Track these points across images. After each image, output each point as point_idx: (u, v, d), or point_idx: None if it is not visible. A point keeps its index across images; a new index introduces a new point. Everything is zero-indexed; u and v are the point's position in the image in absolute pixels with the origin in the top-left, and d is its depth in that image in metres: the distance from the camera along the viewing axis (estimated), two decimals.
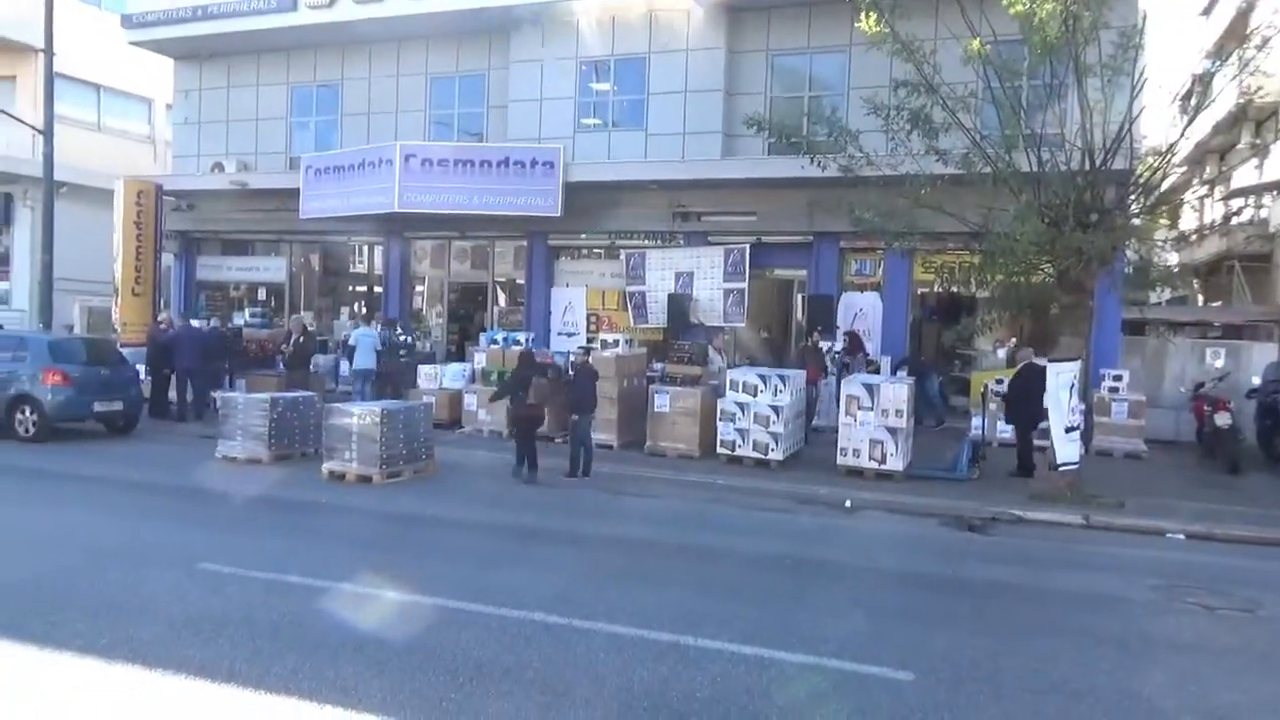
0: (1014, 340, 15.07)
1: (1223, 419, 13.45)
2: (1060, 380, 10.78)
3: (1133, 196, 11.08)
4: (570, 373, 12.47)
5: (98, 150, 23.66)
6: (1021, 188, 10.76)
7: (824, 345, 15.00)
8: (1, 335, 14.84)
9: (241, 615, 6.05)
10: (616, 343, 14.39)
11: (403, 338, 16.62)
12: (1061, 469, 10.85)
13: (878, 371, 14.92)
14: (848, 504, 10.54)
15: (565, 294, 18.39)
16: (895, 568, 8.06)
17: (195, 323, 17.06)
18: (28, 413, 13.13)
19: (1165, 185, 11.45)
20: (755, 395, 12.39)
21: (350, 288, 22.13)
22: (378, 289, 20.67)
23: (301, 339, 16.19)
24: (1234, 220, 23.07)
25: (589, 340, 16.93)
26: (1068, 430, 10.82)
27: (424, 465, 11.64)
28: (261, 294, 21.91)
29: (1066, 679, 5.46)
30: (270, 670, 5.09)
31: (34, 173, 19.65)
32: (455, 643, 5.66)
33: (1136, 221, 11.36)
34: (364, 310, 21.19)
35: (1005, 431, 13.91)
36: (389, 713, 4.56)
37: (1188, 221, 20.35)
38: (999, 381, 13.11)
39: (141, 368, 15.48)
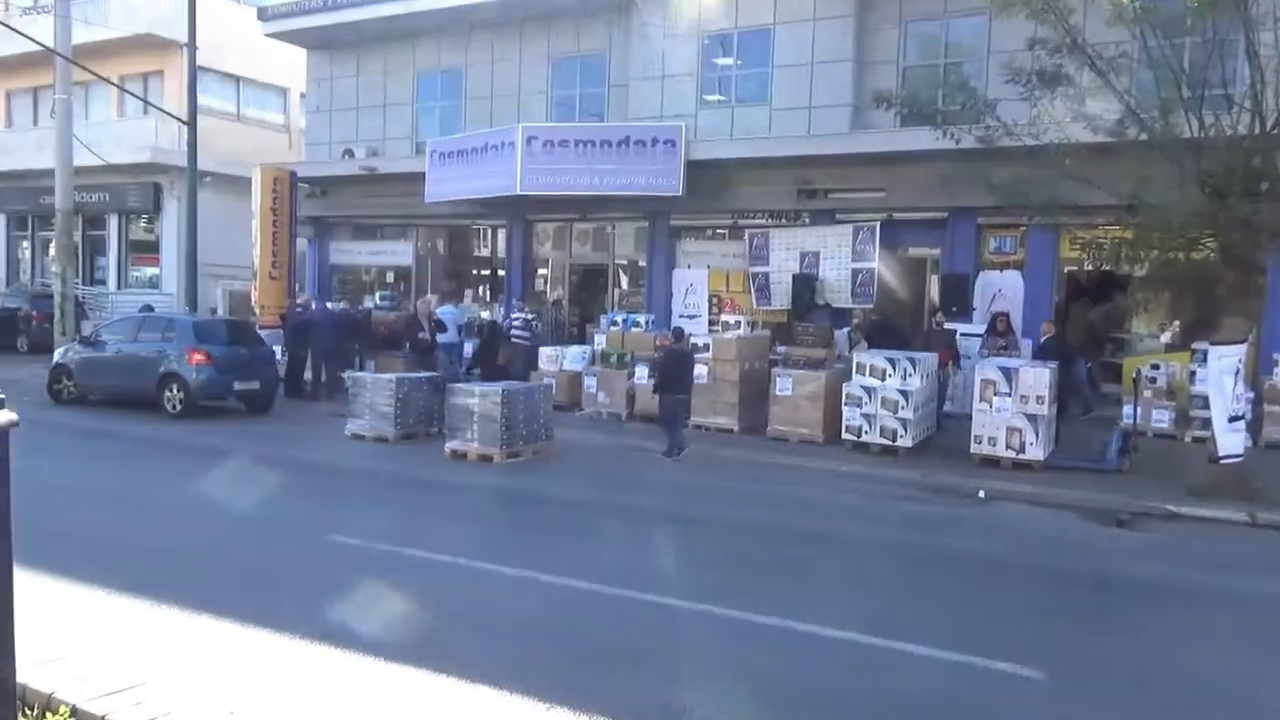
0: (1177, 324, 14.21)
1: None
2: (1224, 365, 10.10)
3: None
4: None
5: (237, 140, 25.19)
6: (1180, 155, 10.11)
7: (952, 327, 14.54)
8: (151, 317, 16.03)
9: (364, 586, 6.35)
10: (739, 325, 14.34)
11: (516, 319, 16.96)
12: (1223, 461, 10.18)
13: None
14: (981, 494, 10.22)
15: (687, 275, 18.42)
16: (1030, 561, 7.78)
17: (330, 305, 17.97)
18: (175, 390, 14.14)
19: None
20: (883, 379, 12.14)
21: (474, 271, 22.83)
22: (501, 272, 21.24)
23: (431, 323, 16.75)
24: None
25: (713, 323, 16.94)
26: (1231, 420, 10.13)
27: (544, 446, 11.93)
28: (390, 277, 22.87)
29: (1219, 685, 5.16)
30: (391, 639, 5.34)
31: (181, 163, 21.06)
32: (572, 621, 5.80)
33: None
34: (487, 293, 21.88)
35: (1161, 420, 13.16)
36: (504, 685, 4.72)
37: None
38: (1154, 367, 12.40)
39: (278, 349, 16.42)
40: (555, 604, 6.17)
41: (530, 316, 17.05)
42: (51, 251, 22.50)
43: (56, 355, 15.93)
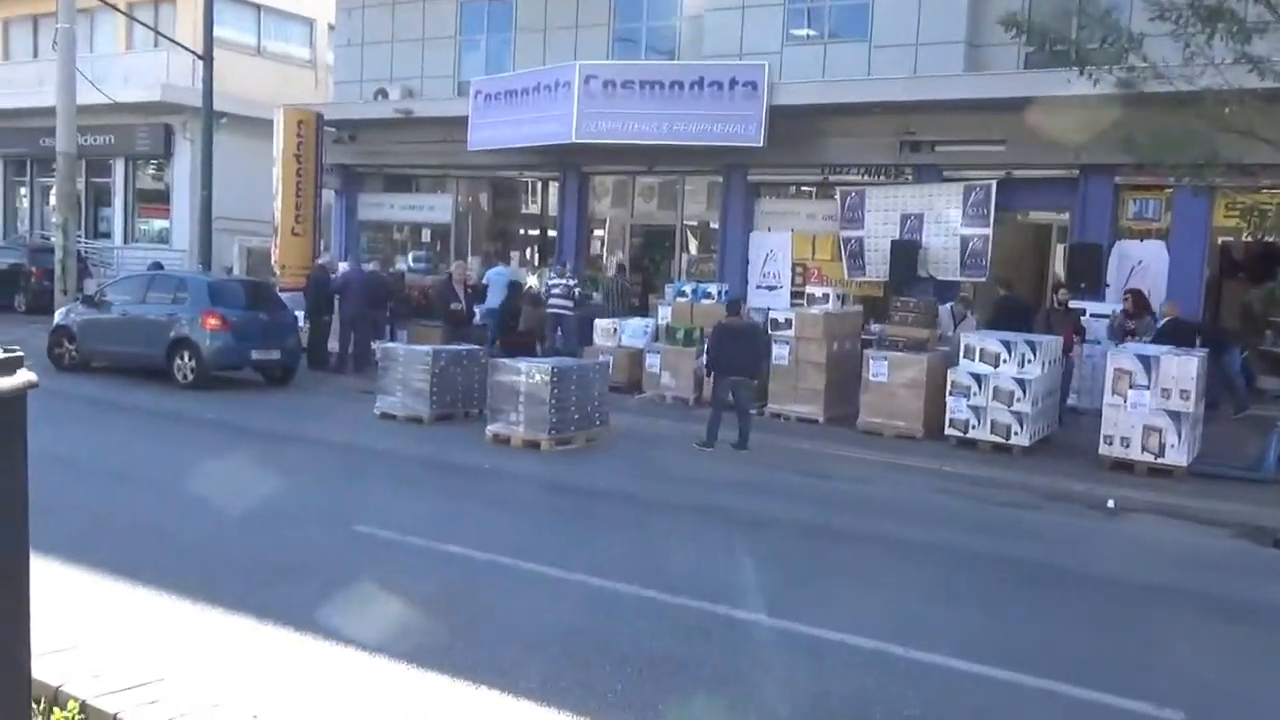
0: None
1: None
2: None
3: None
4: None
5: (257, 77, 25.69)
6: None
7: (1079, 306, 14.23)
8: (161, 276, 16.50)
9: (396, 584, 6.51)
10: (826, 298, 14.25)
11: (556, 284, 17.01)
12: None
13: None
14: (1111, 504, 10.05)
15: (767, 239, 18.31)
16: (1168, 584, 7.65)
17: (367, 267, 18.25)
18: (186, 358, 14.55)
19: None
20: (997, 365, 11.97)
21: (521, 230, 23.00)
22: (551, 232, 21.37)
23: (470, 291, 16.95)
24: None
25: (796, 295, 16.80)
26: None
27: (598, 432, 12.02)
28: (425, 236, 23.16)
29: None
30: (423, 644, 5.46)
31: (194, 102, 21.57)
32: (623, 629, 5.87)
33: None
34: (535, 256, 22.03)
35: None
36: (549, 700, 4.80)
37: None
38: None
39: (299, 314, 16.77)
40: (605, 610, 6.26)
41: (572, 283, 17.09)
42: (52, 200, 23.27)
43: (57, 316, 16.50)
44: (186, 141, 25.03)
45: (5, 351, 2.53)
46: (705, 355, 12.41)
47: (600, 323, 16.25)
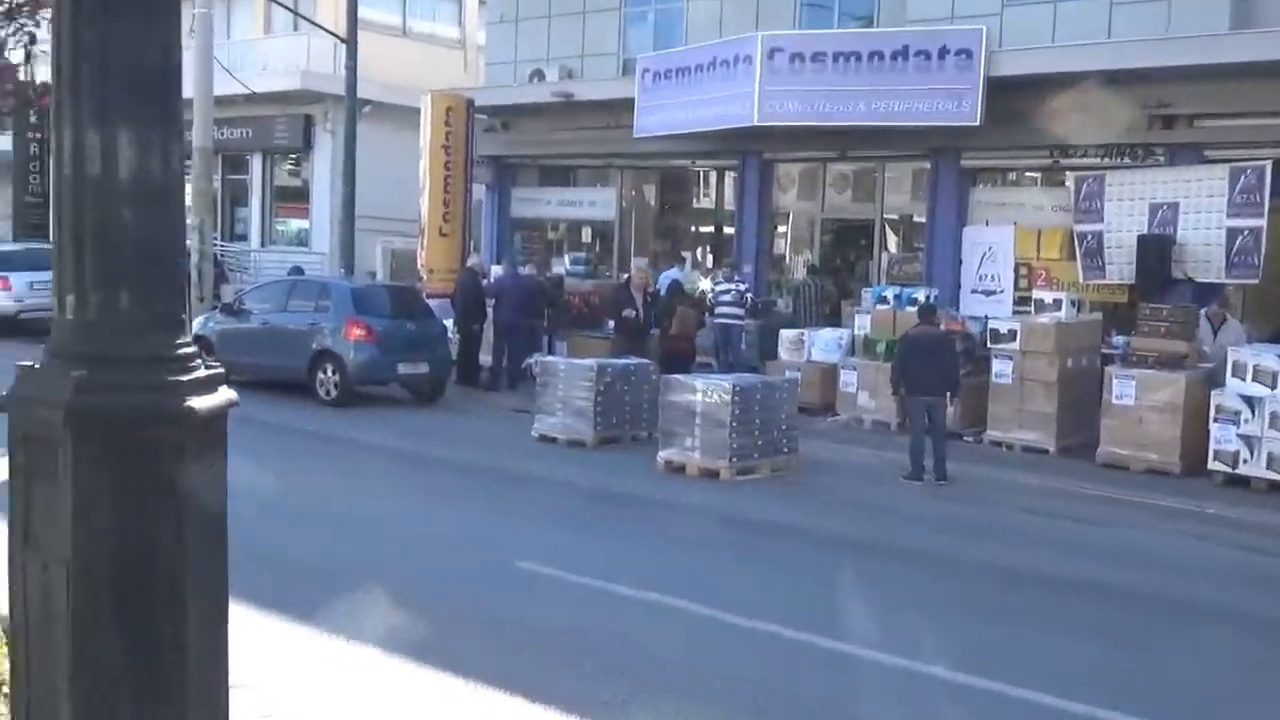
0: None
1: None
2: None
3: None
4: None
5: (402, 60, 26.80)
6: None
7: None
8: (303, 282, 17.47)
9: (563, 626, 6.76)
10: (1058, 304, 13.90)
11: (724, 290, 17.07)
12: None
13: None
14: None
15: (984, 235, 17.93)
16: None
17: (523, 270, 18.78)
18: (329, 372, 15.37)
19: None
20: (1274, 386, 11.45)
21: (692, 228, 23.22)
22: (728, 229, 21.50)
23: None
24: None
25: (1021, 302, 16.40)
26: None
27: (785, 461, 12.06)
28: (586, 235, 23.66)
29: None
30: (597, 696, 5.64)
31: (336, 90, 22.69)
32: (824, 690, 5.94)
33: None
34: (709, 257, 22.20)
35: None
36: None
37: None
38: None
39: (448, 323, 17.41)
40: (795, 666, 6.33)
41: (744, 288, 17.15)
42: (187, 200, 24.82)
43: (195, 326, 17.60)
44: (327, 134, 26.35)
45: (207, 368, 2.79)
46: (894, 372, 12.30)
47: (786, 334, 16.25)
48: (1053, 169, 17.46)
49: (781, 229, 21.29)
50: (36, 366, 2.71)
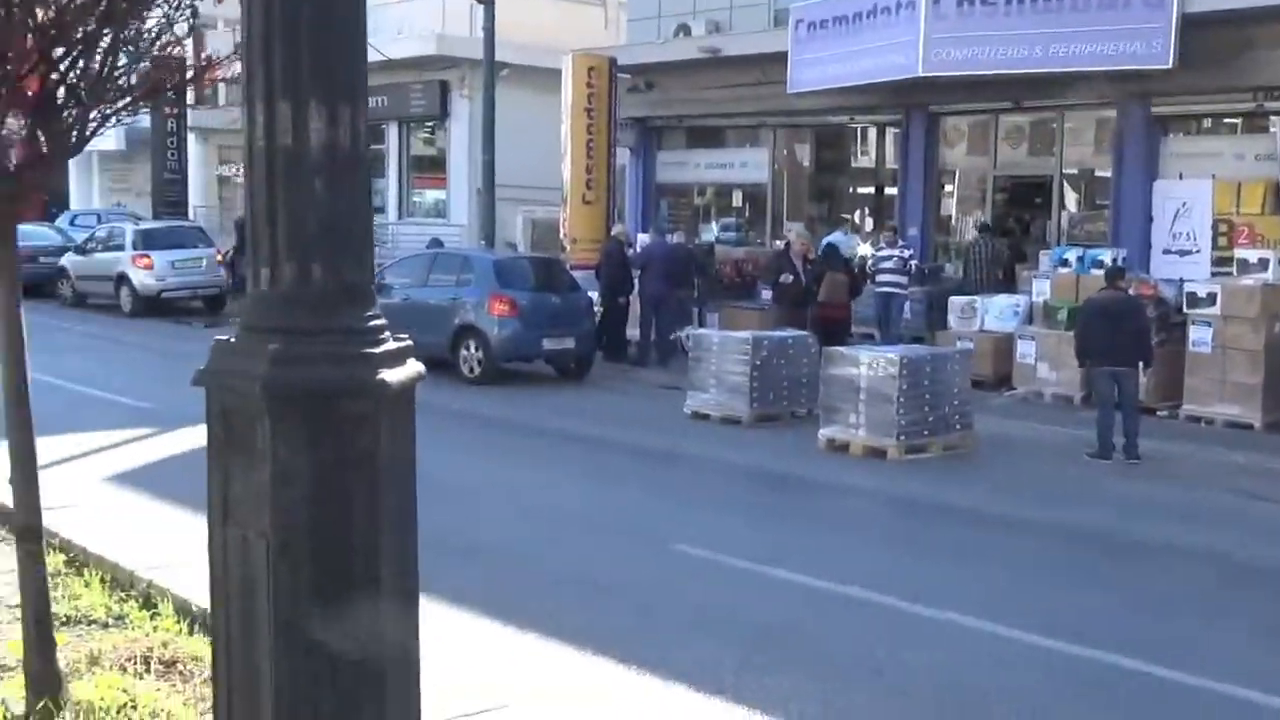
0: None
1: None
2: None
3: None
4: None
5: (541, 19, 27.11)
6: None
7: None
8: (443, 255, 17.95)
9: (723, 612, 6.91)
10: (1264, 264, 13.48)
11: (886, 256, 16.88)
12: None
13: None
14: None
15: (1177, 189, 17.40)
16: None
17: (671, 238, 18.93)
18: (473, 348, 15.77)
19: None
20: None
21: (850, 189, 23.04)
22: (890, 190, 21.29)
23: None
24: None
25: (1220, 262, 15.91)
26: None
27: (958, 438, 11.98)
28: (736, 199, 23.68)
29: None
30: (763, 685, 5.75)
31: (473, 54, 23.11)
32: (1016, 687, 5.94)
33: None
34: (867, 220, 22.00)
35: None
36: None
37: None
38: None
39: (593, 295, 17.64)
40: (978, 660, 6.31)
41: (907, 254, 16.96)
42: None
43: None
44: (464, 100, 26.85)
45: (396, 341, 2.96)
46: (1077, 340, 12.09)
47: (955, 301, 16.06)
48: (1255, 114, 16.85)
49: (949, 188, 21.00)
50: (232, 340, 2.91)
